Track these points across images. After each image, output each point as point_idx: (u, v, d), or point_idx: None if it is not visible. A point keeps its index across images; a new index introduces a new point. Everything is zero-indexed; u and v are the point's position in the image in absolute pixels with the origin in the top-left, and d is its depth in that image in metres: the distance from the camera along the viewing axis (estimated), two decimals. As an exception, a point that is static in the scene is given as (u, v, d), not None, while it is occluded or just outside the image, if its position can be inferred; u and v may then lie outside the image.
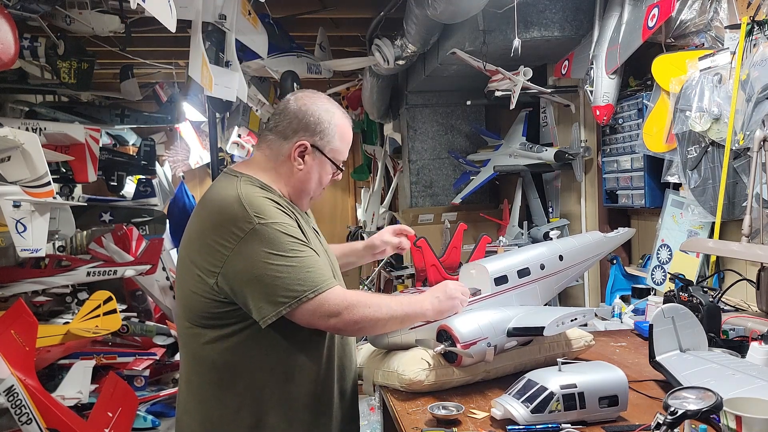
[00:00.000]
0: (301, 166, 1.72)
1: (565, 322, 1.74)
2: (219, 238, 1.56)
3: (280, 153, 1.72)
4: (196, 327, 1.65)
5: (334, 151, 1.75)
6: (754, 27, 2.25)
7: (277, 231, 1.56)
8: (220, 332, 1.62)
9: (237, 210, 1.57)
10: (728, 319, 2.12)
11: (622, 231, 2.27)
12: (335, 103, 1.81)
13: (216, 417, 1.65)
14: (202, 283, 1.59)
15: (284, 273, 1.53)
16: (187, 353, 1.71)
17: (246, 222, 1.55)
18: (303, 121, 1.71)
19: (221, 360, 1.63)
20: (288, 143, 1.71)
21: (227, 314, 1.60)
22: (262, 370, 1.63)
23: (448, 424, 1.53)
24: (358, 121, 6.95)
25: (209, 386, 1.66)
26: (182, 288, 1.68)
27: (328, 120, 1.73)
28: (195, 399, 1.69)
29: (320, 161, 1.74)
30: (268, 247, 1.54)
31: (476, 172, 4.63)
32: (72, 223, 4.31)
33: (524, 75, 3.52)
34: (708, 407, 1.19)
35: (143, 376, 4.74)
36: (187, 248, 1.66)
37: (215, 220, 1.59)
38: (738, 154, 2.33)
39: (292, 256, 1.55)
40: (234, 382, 1.63)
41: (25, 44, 4.08)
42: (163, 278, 5.42)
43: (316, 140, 1.72)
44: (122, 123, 5.66)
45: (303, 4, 4.46)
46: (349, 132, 1.80)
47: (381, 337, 1.82)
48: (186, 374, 1.72)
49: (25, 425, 3.27)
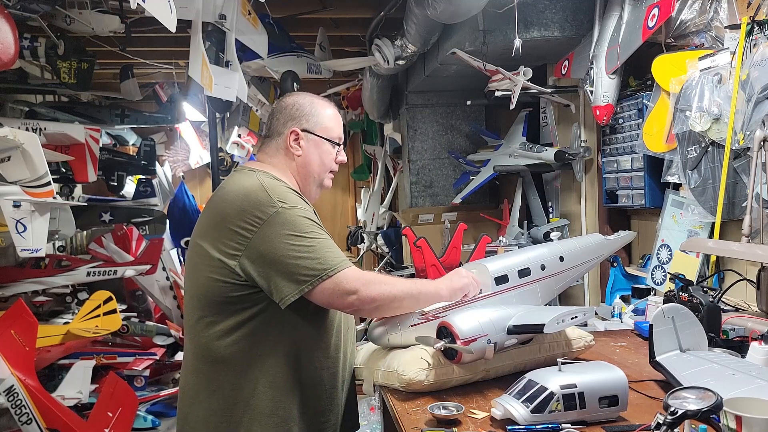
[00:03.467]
0: (299, 151, 1.84)
1: (565, 320, 1.75)
2: (243, 222, 1.64)
3: (279, 148, 1.85)
4: (210, 316, 1.69)
5: (325, 129, 1.86)
6: (754, 27, 2.25)
7: (298, 215, 1.66)
8: (235, 319, 1.67)
9: (261, 196, 1.67)
10: (728, 319, 2.12)
11: (623, 234, 2.28)
12: (314, 94, 1.94)
13: (230, 405, 1.68)
14: (222, 267, 1.64)
15: (305, 253, 1.62)
16: (198, 344, 1.73)
17: (270, 206, 1.65)
18: (286, 113, 1.85)
19: (235, 348, 1.68)
20: (282, 137, 1.85)
21: (244, 298, 1.66)
22: (276, 356, 1.69)
23: (448, 424, 1.53)
24: (358, 121, 6.95)
25: (224, 375, 1.69)
26: (197, 277, 1.72)
27: (309, 104, 1.87)
28: (207, 389, 1.70)
29: (315, 142, 1.85)
30: (289, 229, 1.63)
31: (476, 172, 4.63)
32: (72, 223, 4.31)
33: (524, 75, 3.52)
34: (708, 407, 1.19)
35: (143, 376, 4.74)
36: (203, 238, 1.71)
37: (239, 206, 1.66)
38: (738, 154, 2.33)
39: (312, 238, 1.64)
40: (248, 370, 1.68)
41: (25, 44, 4.07)
42: (163, 278, 5.43)
43: (304, 123, 1.84)
44: (122, 123, 5.66)
45: (303, 4, 4.46)
46: (333, 111, 1.91)
47: (381, 335, 1.83)
48: (194, 366, 1.74)
49: (25, 425, 3.28)
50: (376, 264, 6.69)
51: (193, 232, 1.78)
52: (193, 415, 1.73)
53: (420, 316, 1.81)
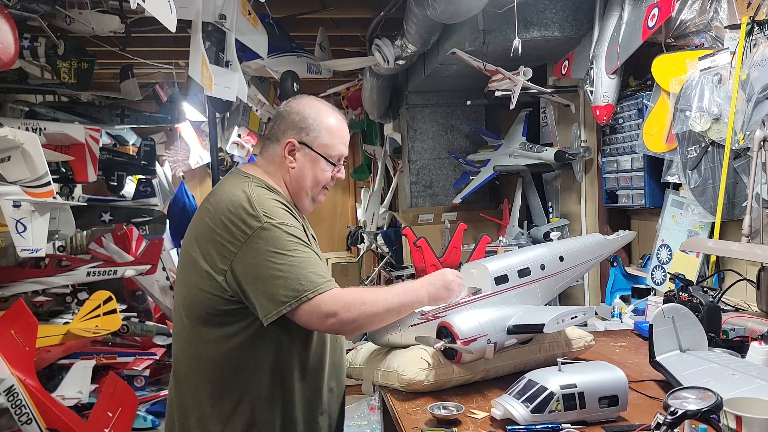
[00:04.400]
0: (293, 164, 1.77)
1: (565, 319, 1.75)
2: (228, 236, 1.60)
3: (275, 155, 1.78)
4: (198, 326, 1.67)
5: (324, 146, 1.77)
6: (754, 27, 2.25)
7: (282, 231, 1.61)
8: (222, 331, 1.65)
9: (247, 209, 1.61)
10: (728, 319, 2.12)
11: (622, 234, 2.28)
12: (326, 103, 1.84)
13: (214, 415, 1.67)
14: (210, 280, 1.62)
15: (286, 272, 1.57)
16: (186, 352, 1.71)
17: (255, 220, 1.60)
18: (288, 121, 1.77)
19: (222, 359, 1.66)
20: (279, 144, 1.77)
21: (232, 312, 1.64)
22: (259, 370, 1.66)
23: (448, 424, 1.53)
24: (358, 121, 6.95)
25: (209, 385, 1.67)
26: (186, 285, 1.69)
27: (314, 116, 1.77)
28: (193, 397, 1.70)
29: (311, 158, 1.77)
30: (272, 246, 1.58)
31: (476, 172, 4.63)
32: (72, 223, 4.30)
33: (524, 75, 3.52)
34: (708, 407, 1.19)
35: (143, 376, 4.73)
36: (194, 244, 1.68)
37: (226, 218, 1.62)
38: (738, 154, 2.33)
39: (295, 257, 1.59)
40: (232, 382, 1.66)
41: (25, 44, 4.07)
42: (163, 278, 5.42)
43: (303, 136, 1.76)
44: (122, 123, 5.65)
45: (303, 4, 4.46)
46: (341, 127, 1.82)
47: (381, 335, 1.83)
48: (183, 373, 1.73)
49: (25, 425, 3.27)
50: (376, 264, 6.69)
51: (185, 236, 1.75)
52: (179, 421, 1.74)
53: (420, 316, 1.81)
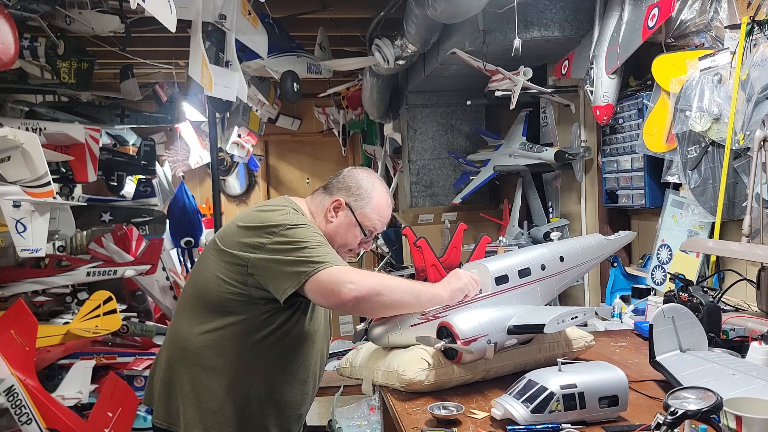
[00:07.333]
0: (333, 219, 1.93)
1: (565, 320, 1.75)
2: (261, 232, 1.76)
3: (323, 205, 1.96)
4: (205, 313, 1.82)
5: (364, 215, 1.94)
6: (754, 27, 2.25)
7: (311, 230, 1.79)
8: (219, 321, 1.80)
9: (283, 217, 1.80)
10: (728, 319, 2.12)
11: (623, 234, 2.28)
12: (384, 183, 2.04)
13: (207, 402, 1.82)
14: (233, 263, 1.77)
15: (308, 253, 1.70)
16: (185, 341, 1.85)
17: (287, 223, 1.78)
18: (346, 183, 1.97)
19: (217, 348, 1.81)
20: (330, 198, 1.95)
21: (232, 302, 1.78)
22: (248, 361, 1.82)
23: (448, 424, 1.54)
24: (358, 121, 6.95)
25: (204, 373, 1.81)
26: (201, 272, 1.85)
27: (368, 189, 1.96)
28: (190, 385, 1.82)
29: (350, 221, 1.93)
30: (299, 237, 1.74)
31: (476, 172, 4.63)
32: (72, 223, 4.29)
33: (524, 75, 3.52)
34: (708, 407, 1.19)
35: (143, 376, 4.72)
36: (226, 237, 1.83)
37: (262, 222, 1.79)
38: (738, 154, 2.33)
39: (314, 244, 1.73)
40: (224, 372, 1.81)
41: (25, 44, 4.06)
42: (163, 278, 5.41)
43: (351, 201, 1.94)
44: (122, 123, 5.64)
45: (303, 4, 4.45)
46: (386, 207, 1.98)
47: (381, 335, 1.83)
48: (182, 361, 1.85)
49: (25, 425, 3.27)
50: (376, 264, 6.69)
51: (216, 234, 1.90)
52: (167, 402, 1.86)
53: (420, 316, 1.81)
